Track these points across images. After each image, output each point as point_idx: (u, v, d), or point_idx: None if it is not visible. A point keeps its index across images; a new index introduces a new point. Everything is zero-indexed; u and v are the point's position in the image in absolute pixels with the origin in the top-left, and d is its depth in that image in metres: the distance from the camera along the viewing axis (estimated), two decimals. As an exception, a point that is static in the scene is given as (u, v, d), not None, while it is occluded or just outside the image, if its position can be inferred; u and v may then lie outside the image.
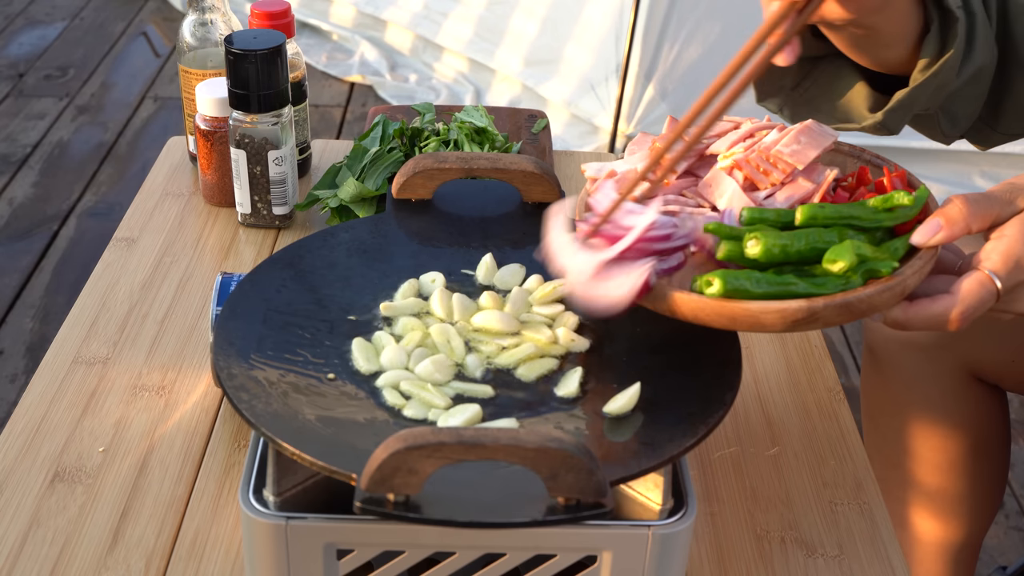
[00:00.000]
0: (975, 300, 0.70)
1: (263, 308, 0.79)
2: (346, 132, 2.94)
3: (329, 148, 1.36)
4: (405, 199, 0.90)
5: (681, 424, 0.69)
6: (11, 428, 0.92)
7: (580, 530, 0.67)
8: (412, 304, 0.82)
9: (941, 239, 0.71)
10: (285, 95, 1.13)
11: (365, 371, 0.76)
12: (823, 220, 0.72)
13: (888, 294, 0.69)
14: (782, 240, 0.70)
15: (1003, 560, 1.73)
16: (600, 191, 0.78)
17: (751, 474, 0.90)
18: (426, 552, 0.68)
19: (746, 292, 0.69)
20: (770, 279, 0.69)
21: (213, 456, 0.90)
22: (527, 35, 2.84)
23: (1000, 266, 0.70)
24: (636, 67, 2.52)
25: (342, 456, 0.65)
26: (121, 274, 1.11)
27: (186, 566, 0.80)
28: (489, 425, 0.72)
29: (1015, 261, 0.70)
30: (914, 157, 2.50)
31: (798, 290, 0.69)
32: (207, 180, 1.21)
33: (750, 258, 0.71)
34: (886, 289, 0.69)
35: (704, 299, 0.69)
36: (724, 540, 0.84)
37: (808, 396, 0.98)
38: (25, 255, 2.43)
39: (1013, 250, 0.70)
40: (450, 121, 1.26)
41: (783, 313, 0.68)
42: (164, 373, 0.98)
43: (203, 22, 1.24)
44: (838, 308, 0.68)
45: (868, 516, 0.86)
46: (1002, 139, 0.97)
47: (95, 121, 2.98)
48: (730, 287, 0.69)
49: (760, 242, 0.70)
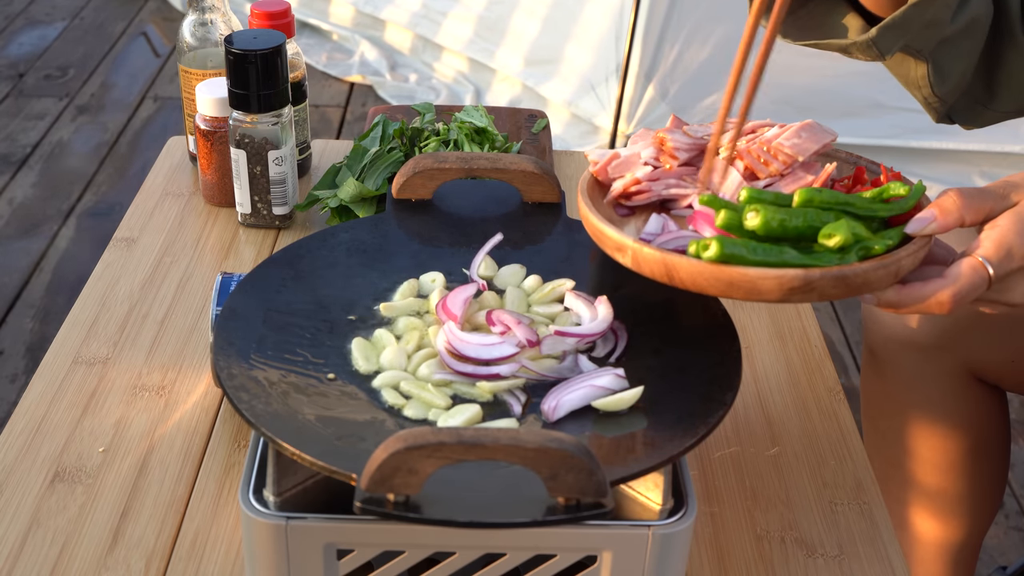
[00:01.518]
0: (967, 283, 0.71)
1: (263, 308, 0.79)
2: (346, 132, 2.94)
3: (329, 148, 1.36)
4: (405, 199, 0.90)
5: (681, 424, 0.69)
6: (11, 428, 0.92)
7: (580, 530, 0.67)
8: (412, 304, 0.82)
9: (935, 229, 0.72)
10: (285, 95, 1.13)
11: (365, 371, 0.76)
12: (819, 204, 0.72)
13: (883, 272, 0.70)
14: (781, 214, 0.71)
15: (1003, 560, 1.73)
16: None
17: (751, 474, 0.90)
18: (426, 552, 0.68)
19: (742, 258, 0.69)
20: (767, 248, 0.69)
21: (213, 456, 0.90)
22: (527, 35, 2.84)
23: (992, 253, 0.71)
24: (636, 67, 2.52)
25: (342, 456, 0.65)
26: (121, 274, 1.11)
27: (186, 566, 0.80)
28: (489, 425, 0.72)
29: (1007, 250, 0.71)
30: (914, 157, 2.50)
31: (794, 261, 0.69)
32: (207, 180, 1.21)
33: (749, 230, 0.71)
34: (881, 266, 0.70)
35: (703, 264, 0.69)
36: (724, 540, 0.84)
37: (808, 396, 0.98)
38: (25, 255, 2.43)
39: (1006, 239, 0.72)
40: (450, 121, 1.26)
41: (780, 280, 0.68)
42: (164, 373, 0.98)
43: (203, 22, 1.24)
44: (834, 280, 0.69)
45: (868, 516, 0.86)
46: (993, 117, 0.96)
47: (95, 121, 2.98)
48: (727, 252, 0.69)
49: (760, 214, 0.70)
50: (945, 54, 0.89)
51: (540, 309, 0.82)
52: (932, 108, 0.94)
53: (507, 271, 0.85)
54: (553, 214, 0.90)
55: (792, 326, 1.06)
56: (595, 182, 0.83)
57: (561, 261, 0.86)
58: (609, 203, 0.83)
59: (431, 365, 0.76)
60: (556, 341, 0.78)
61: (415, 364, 0.76)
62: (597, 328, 0.78)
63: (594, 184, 0.83)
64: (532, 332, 0.77)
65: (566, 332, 0.78)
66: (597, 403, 0.73)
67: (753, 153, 0.80)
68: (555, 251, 0.87)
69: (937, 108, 0.94)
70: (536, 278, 0.84)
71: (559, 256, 0.86)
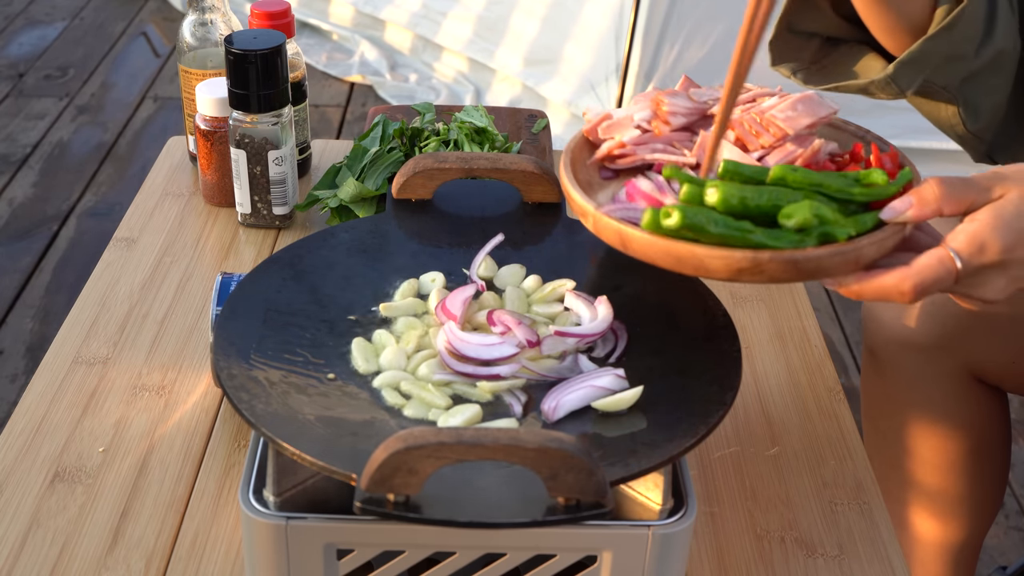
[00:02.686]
0: (931, 274, 0.69)
1: (263, 308, 0.79)
2: (346, 132, 2.94)
3: (329, 148, 1.36)
4: (405, 199, 0.90)
5: (681, 424, 0.69)
6: (11, 428, 0.92)
7: (580, 530, 0.67)
8: (412, 304, 0.82)
9: (910, 217, 0.70)
10: (285, 95, 1.13)
11: (365, 371, 0.76)
12: (793, 182, 0.71)
13: (839, 259, 0.68)
14: (742, 192, 0.69)
15: (1003, 560, 1.73)
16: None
17: (751, 474, 0.90)
18: (426, 552, 0.68)
19: (702, 229, 0.67)
20: (728, 222, 0.68)
21: (213, 456, 0.90)
22: (527, 35, 2.84)
23: (964, 246, 0.69)
24: (636, 67, 2.52)
25: (342, 456, 0.65)
26: (121, 274, 1.11)
27: (186, 566, 0.80)
28: (489, 425, 0.72)
29: (979, 244, 0.69)
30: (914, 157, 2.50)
31: (753, 238, 0.68)
32: (207, 180, 1.21)
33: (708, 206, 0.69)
34: (837, 253, 0.68)
35: (654, 237, 0.68)
36: (724, 540, 0.84)
37: (808, 396, 0.98)
38: (25, 255, 2.43)
39: (980, 233, 0.69)
40: (450, 121, 1.26)
41: (728, 260, 0.67)
42: (164, 373, 0.98)
43: (203, 22, 1.24)
44: (784, 263, 0.67)
45: (868, 516, 0.86)
46: None
47: (95, 121, 2.98)
48: (688, 220, 0.67)
49: (719, 190, 0.69)
50: (973, 90, 0.88)
51: (540, 309, 0.82)
52: (970, 147, 0.93)
53: (507, 271, 0.85)
54: (553, 214, 0.90)
55: (792, 326, 1.06)
56: (585, 142, 0.82)
57: (561, 261, 0.86)
58: (593, 164, 0.82)
59: (431, 365, 0.76)
60: (556, 341, 0.78)
61: (415, 364, 0.76)
62: (597, 328, 0.78)
63: (583, 144, 0.82)
64: (532, 332, 0.77)
65: (566, 332, 0.78)
66: (597, 403, 0.73)
67: (745, 123, 0.78)
68: (555, 251, 0.87)
69: (975, 146, 0.93)
70: (536, 278, 0.84)
71: (559, 256, 0.86)
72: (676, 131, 0.81)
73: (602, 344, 0.79)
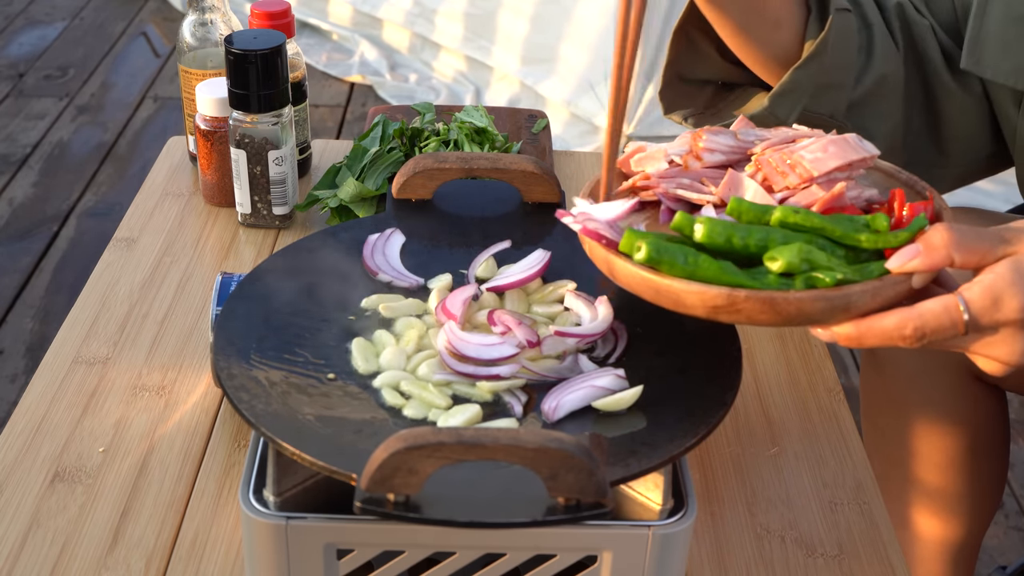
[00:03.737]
0: (934, 322, 0.64)
1: (263, 308, 0.79)
2: (346, 132, 2.94)
3: (329, 148, 1.36)
4: (405, 199, 0.90)
5: (681, 424, 0.69)
6: (11, 428, 0.92)
7: (580, 530, 0.67)
8: (412, 304, 0.82)
9: (917, 266, 0.64)
10: (285, 95, 1.13)
11: (365, 371, 0.76)
12: (794, 224, 0.68)
13: (823, 304, 0.64)
14: (728, 229, 0.67)
15: (1003, 560, 1.73)
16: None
17: (751, 474, 0.90)
18: (426, 552, 0.68)
19: (670, 263, 0.66)
20: (704, 259, 0.66)
21: (213, 456, 0.90)
22: (519, 32, 2.83)
23: (976, 298, 0.64)
24: (636, 67, 2.52)
25: (342, 456, 0.65)
26: (121, 274, 1.11)
27: (186, 566, 0.80)
28: (489, 425, 0.72)
29: (994, 298, 0.63)
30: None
31: (730, 278, 0.65)
32: (207, 180, 1.21)
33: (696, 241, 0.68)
34: (821, 298, 0.64)
35: (636, 268, 0.67)
36: (724, 540, 0.84)
37: (808, 396, 0.98)
38: (25, 255, 2.43)
39: (996, 286, 0.64)
40: (450, 121, 1.26)
41: (703, 296, 0.65)
42: (164, 373, 0.98)
43: (203, 22, 1.24)
44: (761, 303, 0.64)
45: (868, 516, 0.86)
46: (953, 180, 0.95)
47: (95, 121, 2.98)
48: (654, 255, 0.66)
49: (705, 226, 0.67)
50: (862, 116, 0.89)
51: (540, 309, 0.82)
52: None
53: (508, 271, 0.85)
54: (553, 214, 0.90)
55: (792, 326, 1.06)
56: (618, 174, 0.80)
57: (561, 261, 0.86)
58: (619, 195, 0.80)
59: (431, 365, 0.76)
60: (556, 341, 0.78)
61: (415, 364, 0.76)
62: (597, 328, 0.78)
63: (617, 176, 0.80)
64: (532, 332, 0.77)
65: (566, 332, 0.78)
66: (597, 403, 0.73)
67: (773, 163, 0.74)
68: (555, 251, 0.87)
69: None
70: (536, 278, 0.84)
71: (559, 256, 0.86)
72: (710, 167, 0.78)
73: (602, 344, 0.79)
